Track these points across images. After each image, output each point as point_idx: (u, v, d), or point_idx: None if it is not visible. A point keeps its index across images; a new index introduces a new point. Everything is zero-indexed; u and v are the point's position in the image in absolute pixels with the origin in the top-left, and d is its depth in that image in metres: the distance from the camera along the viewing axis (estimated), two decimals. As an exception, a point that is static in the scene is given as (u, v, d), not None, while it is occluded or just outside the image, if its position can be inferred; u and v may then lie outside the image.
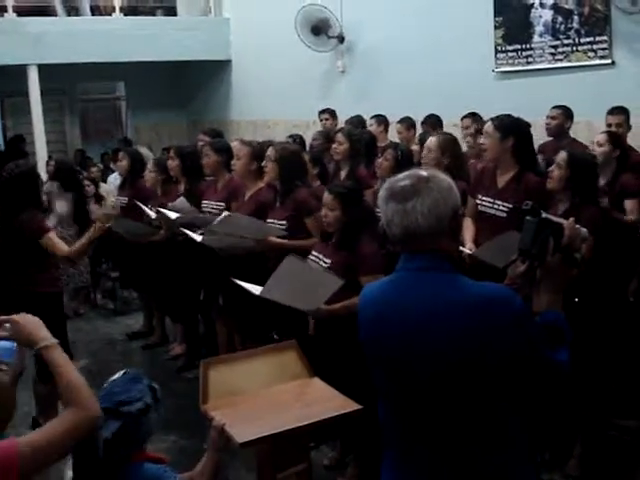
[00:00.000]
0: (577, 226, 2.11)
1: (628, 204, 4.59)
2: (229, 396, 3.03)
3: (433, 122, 6.81)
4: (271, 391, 3.06)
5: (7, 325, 2.00)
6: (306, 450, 3.08)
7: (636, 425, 4.20)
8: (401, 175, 2.04)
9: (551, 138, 5.87)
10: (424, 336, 1.94)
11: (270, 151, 4.63)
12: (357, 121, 7.16)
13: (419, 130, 6.87)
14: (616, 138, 4.71)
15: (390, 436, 2.14)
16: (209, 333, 5.79)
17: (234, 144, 5.05)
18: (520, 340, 1.91)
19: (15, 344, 2.03)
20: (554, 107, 5.93)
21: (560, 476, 4.03)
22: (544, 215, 2.10)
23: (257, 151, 4.91)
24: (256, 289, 3.82)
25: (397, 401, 2.08)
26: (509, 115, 4.22)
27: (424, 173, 2.02)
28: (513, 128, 4.10)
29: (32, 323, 2.00)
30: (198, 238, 4.70)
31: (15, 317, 2.01)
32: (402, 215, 1.95)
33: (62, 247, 4.45)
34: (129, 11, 11.56)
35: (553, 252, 2.06)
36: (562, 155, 3.92)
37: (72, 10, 11.02)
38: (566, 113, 5.87)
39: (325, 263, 3.90)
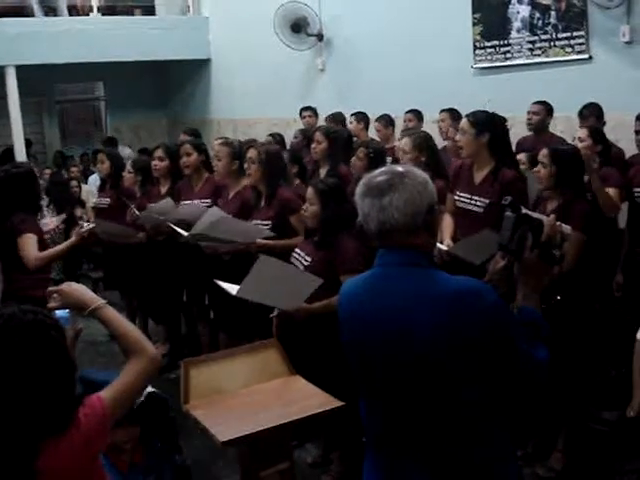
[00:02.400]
0: (558, 223, 2.12)
1: (611, 191, 4.61)
2: (211, 395, 3.04)
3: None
4: (252, 390, 3.07)
5: (55, 296, 2.14)
6: (289, 448, 3.10)
7: (616, 417, 4.23)
8: (377, 171, 2.06)
9: (531, 133, 5.92)
10: (402, 332, 1.95)
11: (252, 153, 4.61)
12: (338, 118, 7.17)
13: (398, 127, 6.91)
14: (597, 133, 4.74)
15: (371, 434, 2.15)
16: (191, 333, 5.78)
17: (214, 144, 5.04)
18: (497, 334, 1.92)
19: (68, 311, 2.24)
20: (535, 102, 5.97)
21: (543, 469, 4.05)
22: (523, 211, 2.10)
23: (237, 150, 4.91)
24: (234, 289, 3.81)
25: (377, 397, 2.09)
26: (484, 111, 4.24)
27: (400, 169, 2.04)
28: (488, 124, 4.12)
29: (78, 290, 2.15)
30: (185, 234, 4.68)
31: (62, 287, 2.16)
32: (378, 210, 1.96)
33: (30, 252, 4.36)
34: (107, 11, 11.50)
35: (532, 248, 2.07)
36: (544, 153, 3.93)
37: (49, 10, 10.94)
38: (547, 108, 5.91)
39: (306, 261, 3.91)
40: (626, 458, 3.99)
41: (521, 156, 5.12)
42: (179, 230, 4.74)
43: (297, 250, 4.05)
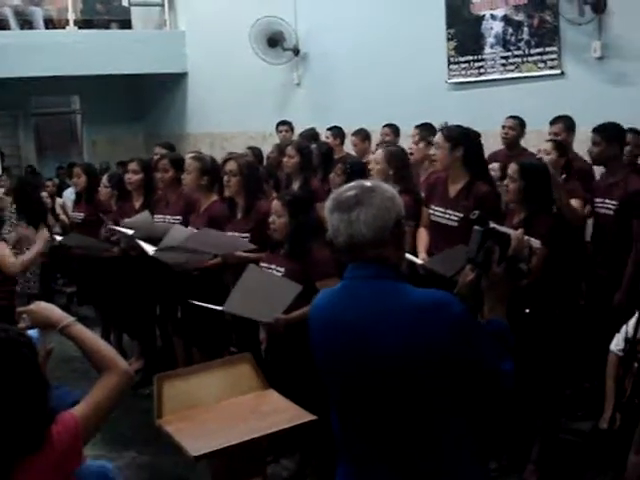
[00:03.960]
0: (526, 237, 2.14)
1: (574, 202, 4.68)
2: (184, 410, 3.03)
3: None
4: (226, 404, 3.07)
5: (24, 316, 2.18)
6: (262, 463, 3.09)
7: (589, 428, 4.26)
8: (346, 186, 2.09)
9: (503, 147, 5.98)
10: (369, 343, 1.97)
11: (232, 165, 4.63)
12: (310, 134, 7.18)
13: (375, 141, 6.94)
14: (562, 146, 4.81)
15: (342, 446, 2.16)
16: (166, 348, 5.75)
17: (186, 158, 5.05)
18: (463, 345, 1.94)
19: (37, 330, 2.23)
20: (510, 117, 6.03)
21: (518, 481, 4.08)
22: (491, 225, 2.13)
23: (208, 165, 4.92)
24: (217, 307, 3.82)
25: (347, 410, 2.10)
26: (459, 125, 4.29)
27: (368, 184, 2.07)
28: (462, 138, 4.17)
29: (46, 308, 2.18)
30: (151, 251, 4.67)
31: (30, 306, 2.20)
32: (347, 224, 1.99)
33: (11, 258, 4.36)
34: (83, 24, 11.45)
35: (499, 262, 2.09)
36: (513, 167, 3.98)
37: (25, 23, 10.90)
38: (522, 124, 5.98)
39: (278, 272, 3.91)
40: (599, 470, 4.01)
41: (493, 165, 5.19)
42: (145, 246, 4.74)
43: (263, 263, 4.05)
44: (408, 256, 4.22)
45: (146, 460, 4.59)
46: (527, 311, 3.66)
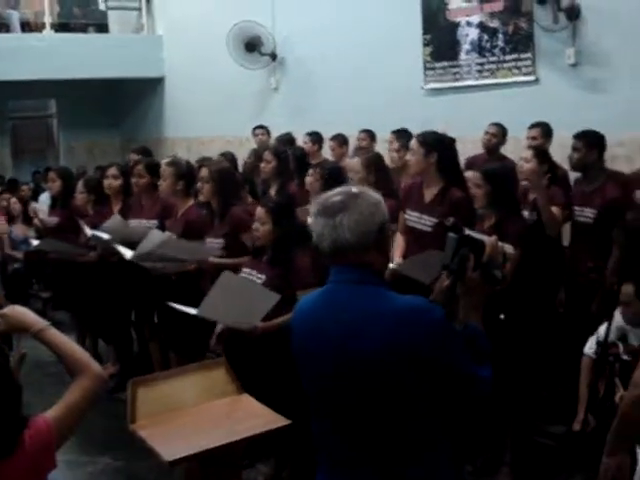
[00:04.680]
0: (500, 244, 2.17)
1: (554, 209, 4.71)
2: (159, 414, 3.02)
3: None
4: (200, 409, 3.06)
5: None
6: (237, 467, 3.09)
7: (563, 430, 4.30)
8: (333, 191, 2.12)
9: (482, 152, 6.03)
10: (350, 348, 1.99)
11: (204, 171, 4.65)
12: (286, 139, 7.20)
13: (352, 147, 6.97)
14: (542, 153, 4.85)
15: (322, 450, 2.17)
16: (143, 353, 5.73)
17: (162, 164, 5.05)
18: (441, 351, 1.96)
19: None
20: (493, 124, 6.08)
21: (491, 484, 4.11)
22: (466, 232, 2.16)
23: (183, 170, 4.93)
24: (192, 310, 3.81)
25: (327, 413, 2.12)
26: (434, 131, 4.31)
27: (354, 190, 2.10)
28: (437, 144, 4.19)
29: (19, 313, 2.15)
30: (128, 255, 4.66)
31: (4, 310, 2.16)
32: (331, 229, 2.01)
33: None
34: (60, 28, 11.43)
35: (474, 268, 2.11)
36: (476, 175, 4.03)
37: (2, 26, 10.85)
38: (503, 130, 6.03)
39: (259, 279, 3.92)
40: (572, 472, 4.05)
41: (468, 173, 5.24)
42: (122, 251, 4.73)
43: (245, 269, 4.06)
44: None
45: (121, 465, 4.57)
46: (502, 317, 3.69)
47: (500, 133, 6.04)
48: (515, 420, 4.09)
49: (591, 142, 4.70)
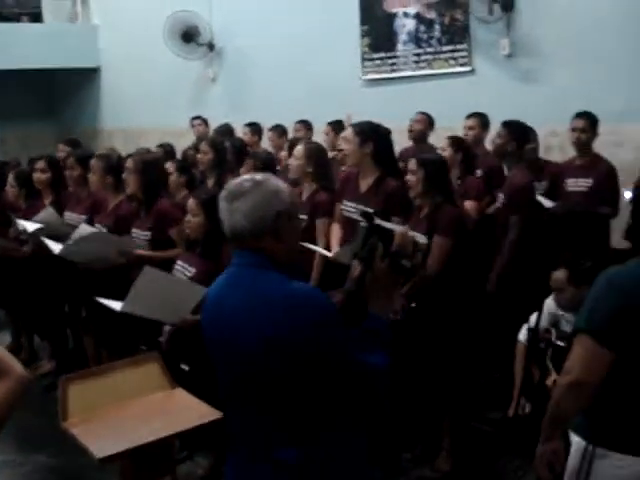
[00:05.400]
0: (411, 233, 2.18)
1: (467, 205, 4.78)
2: (91, 411, 2.98)
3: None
4: (133, 404, 3.03)
5: None
6: (171, 462, 3.06)
7: (499, 416, 4.36)
8: (239, 178, 2.16)
9: (412, 143, 6.08)
10: (240, 331, 2.03)
11: (129, 163, 4.59)
12: (225, 130, 7.16)
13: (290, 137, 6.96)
14: (458, 142, 4.91)
15: (229, 436, 2.21)
16: (78, 348, 5.64)
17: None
18: (324, 338, 1.98)
19: None
20: (419, 113, 6.13)
21: (430, 471, 4.14)
22: (376, 221, 2.17)
23: (113, 163, 4.86)
24: (117, 305, 3.75)
25: (228, 397, 2.16)
26: (369, 121, 4.32)
27: (257, 177, 2.13)
28: (372, 134, 4.20)
29: None
30: (56, 249, 4.58)
31: None
32: (229, 214, 2.08)
33: None
34: (-8, 17, 11.15)
35: (382, 258, 2.12)
36: (412, 161, 4.06)
37: None
38: (429, 119, 6.08)
39: (189, 272, 3.88)
40: (510, 457, 4.12)
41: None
42: (50, 244, 4.64)
43: (179, 262, 4.02)
44: (317, 249, 4.26)
45: (56, 463, 4.49)
46: (413, 305, 3.74)
47: (425, 122, 6.09)
48: (453, 407, 4.14)
49: (514, 132, 4.78)
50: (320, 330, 1.97)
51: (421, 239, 2.25)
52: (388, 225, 2.22)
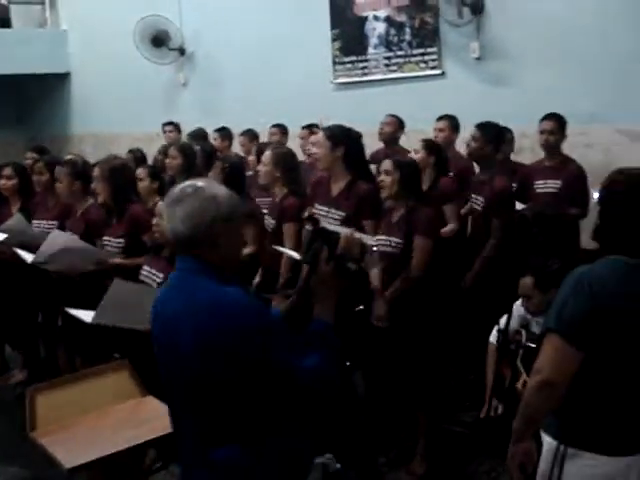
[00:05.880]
0: (359, 235, 2.19)
1: (447, 209, 4.78)
2: (61, 421, 2.95)
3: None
4: (103, 413, 3.00)
5: None
6: (142, 471, 3.03)
7: (472, 418, 4.38)
8: (183, 183, 2.17)
9: (382, 145, 6.09)
10: (172, 335, 2.07)
11: (96, 171, 4.56)
12: (198, 134, 7.12)
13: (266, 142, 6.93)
14: (431, 145, 4.93)
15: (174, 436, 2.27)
16: (50, 357, 5.57)
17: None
18: (252, 343, 2.00)
19: None
20: (388, 115, 6.15)
21: (406, 474, 4.14)
22: (322, 224, 2.20)
23: (79, 169, 4.83)
24: (88, 316, 3.72)
25: (170, 398, 2.22)
26: (340, 125, 4.32)
27: (199, 183, 2.14)
28: (343, 137, 4.20)
29: None
30: (29, 259, 4.52)
31: None
32: (169, 219, 2.10)
33: None
34: (-41, 22, 11.01)
35: (327, 261, 2.13)
36: (386, 162, 4.08)
37: None
38: (399, 122, 6.09)
39: (158, 278, 3.85)
40: (484, 458, 4.13)
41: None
42: (22, 254, 4.59)
43: (146, 267, 3.99)
44: (286, 251, 4.25)
45: (29, 474, 4.43)
46: (361, 308, 3.74)
47: (395, 124, 6.10)
48: (427, 410, 4.14)
49: (489, 134, 4.81)
50: (247, 335, 1.99)
51: (369, 240, 2.25)
52: (333, 228, 2.23)
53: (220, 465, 2.06)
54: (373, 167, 5.00)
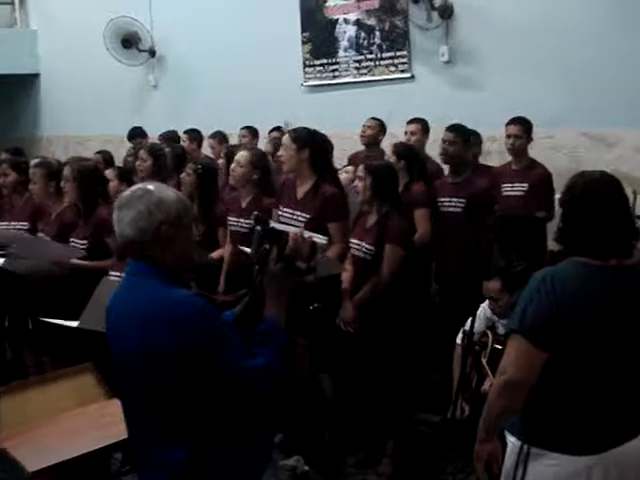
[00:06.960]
0: (308, 234, 2.20)
1: (417, 214, 4.79)
2: (24, 424, 2.91)
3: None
4: (67, 416, 2.98)
5: None
6: (108, 475, 3.01)
7: (439, 419, 4.40)
8: (133, 186, 2.19)
9: (363, 149, 6.10)
10: (121, 337, 2.10)
11: (66, 170, 4.51)
12: (170, 136, 7.09)
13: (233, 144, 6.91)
14: (401, 149, 4.94)
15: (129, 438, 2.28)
16: (17, 360, 5.51)
17: (31, 165, 4.87)
18: (193, 343, 2.00)
19: None
20: (371, 118, 6.14)
21: (374, 475, 4.15)
22: (271, 225, 2.20)
23: (53, 169, 4.77)
24: (72, 323, 3.68)
25: (121, 398, 2.24)
26: (306, 127, 4.32)
27: (149, 187, 2.15)
28: (309, 140, 4.19)
29: None
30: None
31: None
32: (117, 222, 2.11)
33: None
34: None
35: (277, 261, 2.14)
36: (360, 167, 4.09)
37: None
38: (381, 125, 6.10)
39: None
40: (452, 458, 4.15)
41: (348, 168, 5.31)
42: None
43: (113, 272, 3.96)
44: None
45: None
46: (315, 306, 3.75)
47: (377, 127, 6.12)
48: (395, 411, 4.16)
49: (460, 136, 4.85)
50: (192, 337, 1.99)
51: (320, 240, 2.26)
52: (282, 227, 2.24)
53: (165, 468, 2.06)
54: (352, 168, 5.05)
